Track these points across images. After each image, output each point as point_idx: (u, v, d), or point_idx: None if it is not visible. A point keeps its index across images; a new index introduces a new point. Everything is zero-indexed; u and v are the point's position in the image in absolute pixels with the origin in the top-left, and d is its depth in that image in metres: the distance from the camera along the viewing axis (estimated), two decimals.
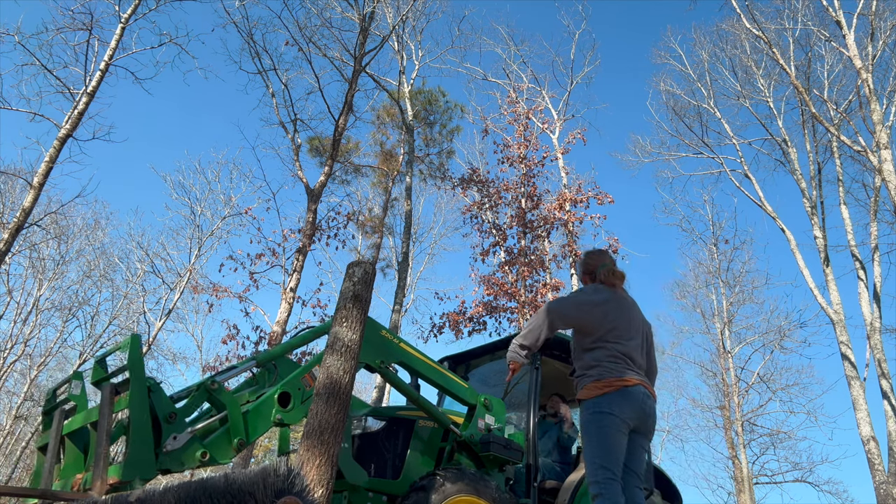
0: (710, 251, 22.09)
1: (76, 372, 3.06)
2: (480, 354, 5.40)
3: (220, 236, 21.49)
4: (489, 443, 3.94)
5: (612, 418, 2.88)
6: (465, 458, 4.03)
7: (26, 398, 22.08)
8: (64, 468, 2.86)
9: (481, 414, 4.08)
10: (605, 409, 2.90)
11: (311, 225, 12.74)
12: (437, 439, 4.04)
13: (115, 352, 3.04)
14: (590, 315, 3.08)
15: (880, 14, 14.21)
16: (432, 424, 4.02)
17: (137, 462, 2.60)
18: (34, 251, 21.03)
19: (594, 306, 3.10)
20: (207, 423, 2.95)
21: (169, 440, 2.75)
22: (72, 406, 2.97)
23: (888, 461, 13.61)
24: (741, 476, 19.07)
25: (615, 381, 2.95)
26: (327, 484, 3.73)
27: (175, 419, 2.81)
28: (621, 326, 3.08)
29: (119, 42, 11.21)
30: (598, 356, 3.03)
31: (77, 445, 2.90)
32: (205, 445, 2.86)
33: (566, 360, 5.10)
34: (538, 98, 19.04)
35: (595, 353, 3.05)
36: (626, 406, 2.90)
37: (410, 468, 3.85)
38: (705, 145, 18.97)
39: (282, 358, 3.71)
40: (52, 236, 20.74)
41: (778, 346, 20.43)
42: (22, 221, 10.08)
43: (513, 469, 4.30)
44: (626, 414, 2.90)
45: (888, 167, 11.83)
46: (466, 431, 3.97)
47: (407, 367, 3.89)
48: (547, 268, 15.72)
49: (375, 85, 16.83)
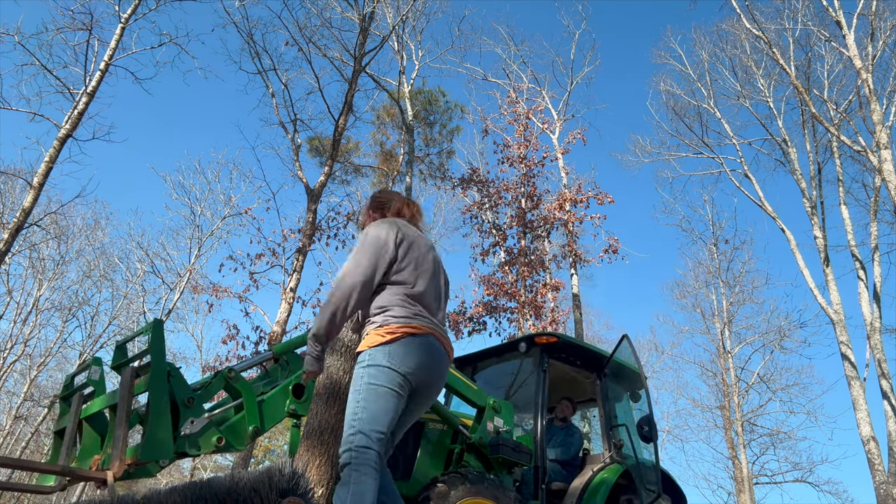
0: (710, 251, 22.12)
1: (95, 357, 3.12)
2: (486, 357, 5.43)
3: (220, 236, 21.50)
4: (499, 445, 3.96)
5: (389, 373, 2.33)
6: (473, 460, 4.05)
7: (26, 398, 22.07)
8: (81, 451, 2.90)
9: (490, 416, 4.09)
10: (381, 360, 2.35)
11: (311, 225, 12.74)
12: (446, 441, 4.05)
13: (137, 336, 3.08)
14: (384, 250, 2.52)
15: (880, 14, 14.21)
16: (442, 426, 4.04)
17: (156, 443, 2.63)
18: (34, 251, 21.02)
19: (386, 241, 2.54)
20: (225, 409, 2.99)
21: (186, 424, 2.79)
22: (90, 391, 3.02)
23: (888, 461, 13.61)
24: (741, 476, 19.07)
25: (399, 327, 2.41)
26: (327, 484, 3.74)
27: (193, 403, 2.84)
28: (417, 264, 2.57)
29: (119, 42, 11.21)
30: (387, 300, 2.48)
31: (95, 429, 2.94)
32: (221, 431, 2.89)
33: (574, 364, 5.13)
34: (538, 98, 19.06)
35: (383, 294, 2.50)
36: (411, 358, 2.37)
37: (420, 470, 3.86)
38: (705, 145, 18.98)
39: (293, 353, 3.76)
40: (52, 236, 20.74)
41: (778, 346, 20.45)
42: (22, 221, 10.07)
43: (520, 470, 4.32)
44: (410, 369, 2.35)
45: (888, 167, 11.83)
46: (476, 434, 3.99)
47: None
48: (547, 268, 15.72)
49: (375, 85, 16.83)
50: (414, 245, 2.60)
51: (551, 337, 4.83)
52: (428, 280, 2.58)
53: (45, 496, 19.05)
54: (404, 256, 2.55)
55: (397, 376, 2.33)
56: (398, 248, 2.55)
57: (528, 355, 5.00)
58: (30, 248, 20.54)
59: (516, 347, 4.99)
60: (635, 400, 5.39)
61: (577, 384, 5.56)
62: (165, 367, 2.79)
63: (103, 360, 3.08)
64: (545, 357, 4.78)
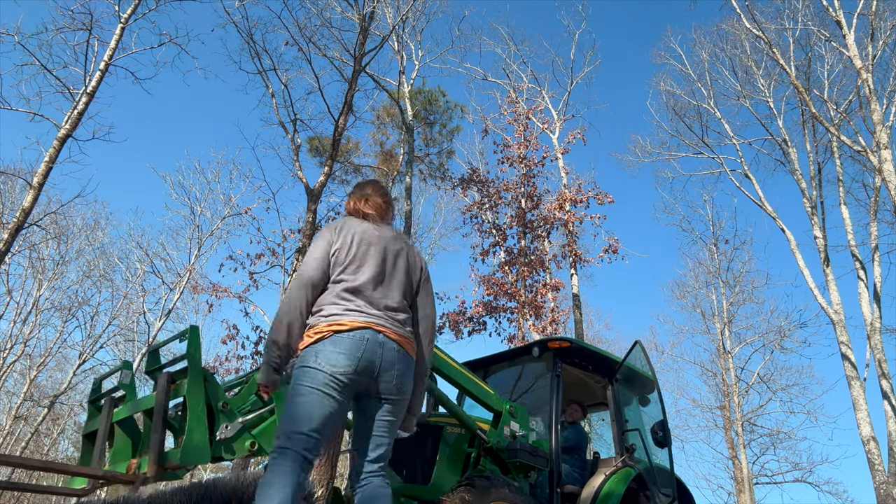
0: (710, 251, 22.13)
1: (125, 361, 3.17)
2: (498, 360, 5.47)
3: (220, 236, 21.49)
4: (517, 450, 4.00)
5: (313, 373, 2.24)
6: (489, 464, 4.09)
7: (26, 398, 22.06)
8: (113, 454, 2.94)
9: (507, 421, 4.13)
10: (307, 362, 2.28)
11: (311, 225, 12.72)
12: (463, 445, 4.10)
13: (172, 342, 3.13)
14: (321, 253, 2.49)
15: (880, 14, 14.21)
16: (459, 431, 4.09)
17: (194, 448, 2.66)
18: (34, 251, 20.99)
19: (327, 243, 2.51)
20: (258, 413, 3.02)
21: (221, 429, 2.82)
22: (121, 395, 3.05)
23: (888, 461, 13.61)
24: (741, 476, 19.07)
25: (327, 326, 2.33)
26: (327, 484, 3.75)
27: (227, 409, 2.88)
28: (358, 259, 2.49)
29: (119, 42, 11.18)
30: (323, 299, 2.43)
31: (126, 433, 2.97)
32: (254, 436, 2.93)
33: (586, 368, 5.17)
34: (538, 98, 19.05)
35: (322, 295, 2.45)
36: (337, 357, 2.26)
37: (439, 474, 3.92)
38: (705, 145, 18.99)
39: None
40: (51, 236, 20.71)
41: (778, 347, 20.46)
42: (22, 221, 10.07)
43: (535, 474, 4.37)
44: (335, 367, 2.25)
45: (888, 167, 11.83)
46: (493, 438, 4.04)
47: (439, 372, 3.98)
48: (547, 268, 15.72)
49: (375, 85, 16.80)
50: (356, 240, 2.53)
51: (564, 342, 4.87)
52: (373, 273, 2.48)
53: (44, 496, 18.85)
54: (343, 253, 2.49)
55: (322, 375, 2.24)
56: (334, 245, 2.50)
57: (541, 360, 5.03)
58: (30, 248, 20.52)
59: (529, 352, 5.03)
60: (644, 404, 5.43)
61: (586, 388, 5.59)
62: (202, 373, 2.82)
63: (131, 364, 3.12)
64: (558, 362, 4.80)
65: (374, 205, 2.73)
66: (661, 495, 4.69)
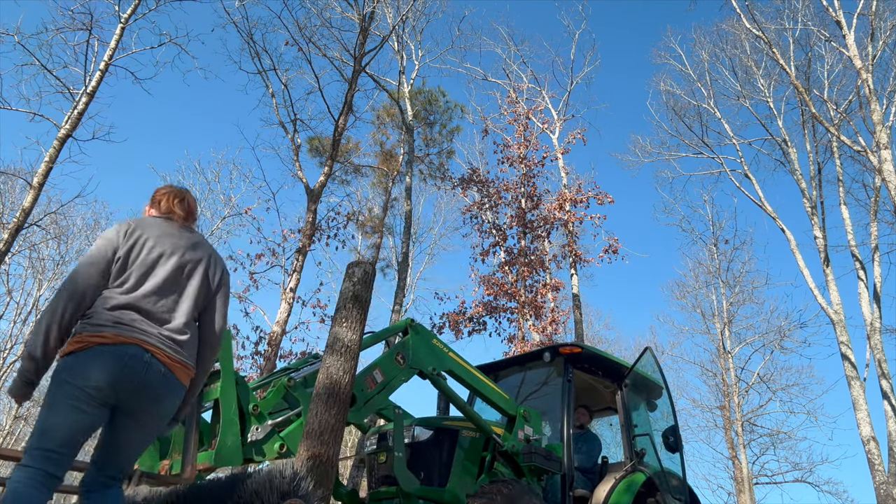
0: (710, 251, 22.14)
1: None
2: (509, 365, 5.52)
3: (220, 236, 21.45)
4: (531, 453, 4.05)
5: (67, 387, 2.09)
6: (503, 467, 4.13)
7: None
8: (143, 455, 2.95)
9: (521, 425, 4.18)
10: (62, 374, 2.13)
11: (311, 225, 12.72)
12: (479, 449, 4.14)
13: None
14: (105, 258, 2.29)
15: (880, 14, 14.22)
16: (474, 434, 4.14)
17: (227, 451, 2.70)
18: (34, 251, 21.01)
19: (111, 246, 2.31)
20: (286, 416, 3.07)
21: (252, 431, 2.86)
22: None
23: (888, 461, 13.62)
24: (741, 476, 19.08)
25: (90, 336, 2.16)
26: (328, 485, 3.74)
27: (258, 411, 2.92)
28: (144, 267, 2.32)
29: (119, 42, 11.17)
30: (96, 305, 2.24)
31: None
32: (282, 438, 2.96)
33: (596, 374, 5.20)
34: (538, 98, 19.06)
35: (98, 300, 2.26)
36: (94, 371, 2.11)
37: (456, 477, 3.97)
38: (705, 145, 18.99)
39: None
40: (51, 236, 20.72)
41: (778, 347, 20.46)
42: (22, 221, 10.07)
43: (547, 478, 4.42)
44: (88, 381, 2.09)
45: (888, 167, 11.84)
46: (508, 442, 4.09)
47: (455, 375, 4.01)
48: (547, 268, 15.72)
49: (375, 85, 16.82)
50: (147, 246, 2.34)
51: (575, 347, 4.94)
52: (158, 286, 2.31)
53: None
54: (129, 259, 2.31)
55: (74, 389, 2.09)
56: (120, 250, 2.31)
57: (552, 365, 5.08)
58: (30, 248, 20.53)
59: (540, 357, 5.08)
60: (652, 409, 5.48)
61: (594, 393, 5.63)
62: (234, 377, 2.83)
63: None
64: (569, 367, 4.84)
65: (187, 207, 2.56)
66: (674, 500, 4.72)
